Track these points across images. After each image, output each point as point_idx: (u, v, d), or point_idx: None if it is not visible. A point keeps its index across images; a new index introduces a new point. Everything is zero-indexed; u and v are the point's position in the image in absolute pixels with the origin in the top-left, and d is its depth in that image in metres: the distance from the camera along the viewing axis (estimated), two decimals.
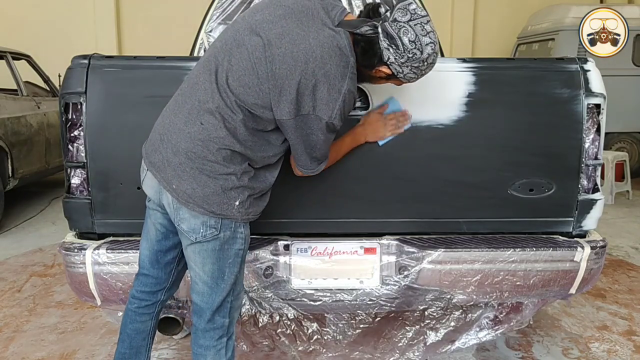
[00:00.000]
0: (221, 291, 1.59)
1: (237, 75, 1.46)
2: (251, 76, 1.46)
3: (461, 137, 1.90)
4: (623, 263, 3.80)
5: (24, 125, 4.89)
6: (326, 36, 1.45)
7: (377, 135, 1.85)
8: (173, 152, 1.50)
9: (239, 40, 1.49)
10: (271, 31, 1.46)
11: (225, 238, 1.55)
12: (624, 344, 2.60)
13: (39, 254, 3.96)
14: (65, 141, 1.88)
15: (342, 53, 1.46)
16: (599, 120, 1.95)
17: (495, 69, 1.97)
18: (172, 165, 1.50)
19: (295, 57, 1.43)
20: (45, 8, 8.04)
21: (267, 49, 1.44)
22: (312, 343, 2.21)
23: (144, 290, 1.76)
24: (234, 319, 1.67)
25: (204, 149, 1.47)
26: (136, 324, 1.78)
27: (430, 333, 2.19)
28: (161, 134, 1.55)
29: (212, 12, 3.40)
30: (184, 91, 1.56)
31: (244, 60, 1.46)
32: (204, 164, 1.48)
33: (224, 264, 1.57)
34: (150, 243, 1.72)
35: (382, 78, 1.56)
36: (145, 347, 1.81)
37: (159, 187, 1.57)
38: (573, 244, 1.97)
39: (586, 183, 1.98)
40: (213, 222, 1.52)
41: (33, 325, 2.79)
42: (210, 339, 1.63)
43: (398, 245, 1.94)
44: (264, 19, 1.50)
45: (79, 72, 1.86)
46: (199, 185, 1.48)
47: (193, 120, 1.49)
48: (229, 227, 1.54)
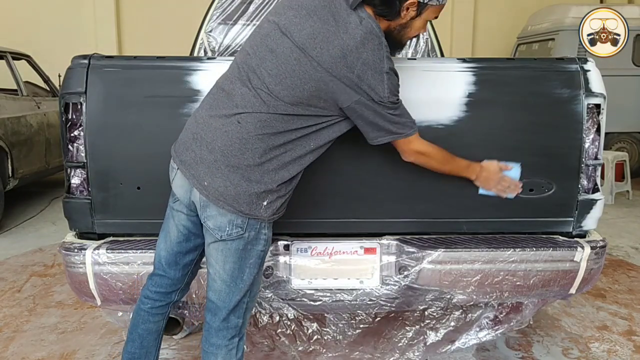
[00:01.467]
0: (239, 291, 1.60)
1: (277, 80, 1.50)
2: (292, 78, 1.49)
3: (461, 137, 1.90)
4: (623, 263, 3.80)
5: (24, 125, 4.89)
6: (354, 26, 1.50)
7: (486, 184, 1.87)
8: (208, 150, 1.53)
9: (270, 46, 1.53)
10: (301, 33, 1.50)
11: (249, 238, 1.57)
12: (624, 344, 2.60)
13: (39, 254, 3.96)
14: (65, 141, 1.88)
15: (374, 36, 1.50)
16: (599, 120, 1.95)
17: (495, 69, 1.97)
18: (206, 162, 1.53)
19: (332, 54, 1.47)
20: (45, 8, 8.04)
21: (302, 51, 1.49)
22: (312, 343, 2.21)
23: (158, 291, 1.76)
24: (246, 320, 1.68)
25: (240, 147, 1.50)
26: (149, 324, 1.77)
27: (430, 333, 2.19)
28: (194, 133, 1.57)
29: (212, 12, 3.41)
30: (217, 96, 1.58)
31: (281, 65, 1.50)
32: (239, 162, 1.51)
33: (245, 264, 1.58)
34: (170, 244, 1.72)
35: (415, 18, 1.60)
36: (156, 347, 1.81)
37: (188, 186, 1.58)
38: (573, 244, 1.97)
39: (586, 183, 1.98)
40: (240, 222, 1.54)
41: (33, 325, 2.79)
42: (223, 338, 1.63)
43: (398, 245, 1.94)
44: (290, 21, 1.53)
45: (79, 72, 1.86)
46: (232, 183, 1.51)
47: (230, 121, 1.52)
48: (254, 227, 1.57)
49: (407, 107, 1.88)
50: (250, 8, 3.38)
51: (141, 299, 1.78)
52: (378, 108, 1.54)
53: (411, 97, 1.90)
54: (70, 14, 8.11)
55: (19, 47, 5.74)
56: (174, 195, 1.67)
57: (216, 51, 3.41)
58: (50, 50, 7.23)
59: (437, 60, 2.55)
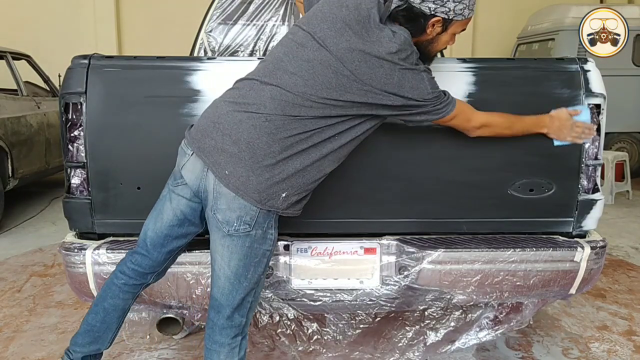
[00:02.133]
0: (243, 289, 1.60)
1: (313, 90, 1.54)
2: (329, 90, 1.54)
3: (461, 137, 1.90)
4: (623, 263, 3.80)
5: (24, 125, 4.89)
6: (388, 39, 1.54)
7: (560, 133, 1.87)
8: (232, 141, 1.53)
9: (307, 56, 1.56)
10: (338, 46, 1.54)
11: (256, 236, 1.57)
12: (624, 344, 2.60)
13: (39, 254, 3.96)
14: (65, 141, 1.88)
15: (407, 45, 1.56)
16: (599, 121, 1.95)
17: (495, 69, 1.97)
18: (229, 152, 1.53)
19: (370, 65, 1.52)
20: (45, 8, 8.04)
21: (340, 63, 1.53)
22: (312, 343, 2.21)
23: (135, 269, 1.75)
24: (249, 319, 1.68)
25: (268, 141, 1.52)
26: (117, 300, 1.77)
27: (430, 333, 2.19)
28: (215, 122, 1.58)
29: (212, 12, 3.41)
30: (245, 92, 1.59)
31: (318, 75, 1.54)
32: (264, 156, 1.52)
33: (250, 262, 1.59)
34: (160, 225, 1.70)
35: (441, 34, 1.65)
36: (117, 325, 1.80)
37: (201, 172, 1.58)
38: (573, 244, 1.97)
39: (586, 183, 1.98)
40: (248, 219, 1.55)
41: (33, 325, 2.79)
42: (226, 336, 1.63)
43: (398, 246, 1.94)
44: (325, 34, 1.56)
45: (79, 72, 1.86)
46: (254, 174, 1.52)
47: (258, 117, 1.54)
48: (262, 226, 1.58)
49: None
50: (250, 8, 3.38)
51: (115, 273, 1.78)
52: (424, 108, 1.61)
53: None
54: (70, 14, 8.11)
55: (19, 47, 5.74)
56: (178, 178, 1.65)
57: (216, 51, 3.41)
58: (50, 50, 7.23)
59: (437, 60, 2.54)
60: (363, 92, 1.54)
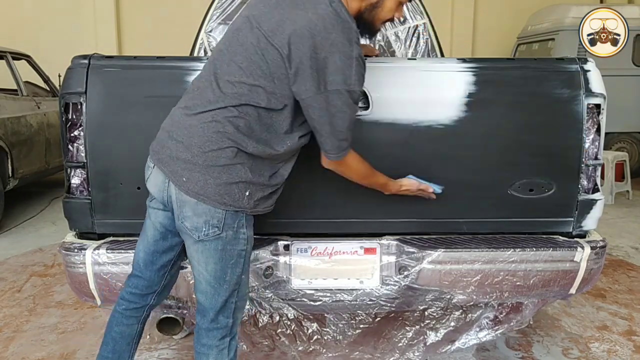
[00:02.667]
0: (224, 292, 1.59)
1: (247, 72, 1.50)
2: (262, 68, 1.49)
3: (461, 137, 1.90)
4: (623, 263, 3.80)
5: (24, 125, 4.89)
6: (323, 8, 1.48)
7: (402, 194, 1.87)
8: (185, 147, 1.52)
9: (241, 40, 1.53)
10: (270, 21, 1.50)
11: (227, 238, 1.55)
12: (624, 344, 2.60)
13: (39, 254, 3.96)
14: (65, 141, 1.88)
15: (343, 20, 1.49)
16: (599, 120, 1.95)
17: (495, 69, 1.97)
18: (183, 159, 1.52)
19: (299, 34, 1.46)
20: (45, 8, 8.04)
21: (270, 38, 1.48)
22: (312, 343, 2.21)
23: (134, 293, 1.74)
24: (237, 320, 1.67)
25: (217, 141, 1.50)
26: (122, 327, 1.76)
27: (430, 333, 2.19)
28: (169, 132, 1.57)
29: (212, 12, 3.40)
30: (192, 95, 1.59)
31: (250, 56, 1.50)
32: (217, 157, 1.50)
33: (226, 265, 1.57)
34: (147, 243, 1.71)
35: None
36: (129, 352, 1.78)
37: (163, 184, 1.58)
38: (573, 244, 1.97)
39: (586, 183, 1.98)
40: (216, 222, 1.53)
41: (33, 325, 2.79)
42: (213, 338, 1.63)
43: (398, 246, 1.94)
44: (260, 12, 1.54)
45: (79, 72, 1.86)
46: (211, 176, 1.50)
47: (205, 117, 1.52)
48: (232, 227, 1.55)
49: (408, 107, 1.89)
50: None
51: (118, 300, 1.77)
52: (337, 98, 1.49)
53: (411, 97, 1.91)
54: (70, 14, 8.11)
55: (19, 47, 5.74)
56: (151, 194, 1.67)
57: None
58: (50, 50, 7.23)
59: (437, 60, 2.55)
60: (289, 70, 1.48)
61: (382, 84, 1.90)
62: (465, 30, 8.83)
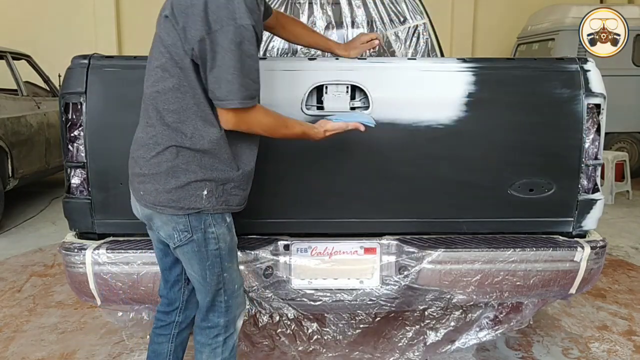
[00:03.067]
0: (208, 291, 1.60)
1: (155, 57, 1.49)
2: (161, 49, 1.46)
3: (461, 137, 1.90)
4: (623, 263, 3.80)
5: (24, 125, 4.89)
6: None
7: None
8: (135, 161, 1.55)
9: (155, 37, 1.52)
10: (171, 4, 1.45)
11: (199, 240, 1.54)
12: (624, 344, 2.60)
13: (39, 254, 3.96)
14: (65, 141, 1.88)
15: None
16: (599, 120, 1.95)
17: (495, 69, 1.97)
18: (137, 173, 1.54)
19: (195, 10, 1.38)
20: (45, 8, 8.04)
21: (162, 12, 1.46)
22: (312, 343, 2.21)
23: (160, 311, 1.79)
24: (233, 318, 1.66)
25: (155, 146, 1.49)
26: (154, 345, 1.80)
27: (430, 333, 2.19)
28: (130, 152, 1.59)
29: None
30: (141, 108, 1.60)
31: (155, 41, 1.49)
32: (159, 163, 1.49)
33: (205, 266, 1.57)
34: (158, 263, 1.76)
35: None
36: None
37: (135, 203, 1.61)
38: (573, 244, 1.97)
39: (586, 183, 1.98)
40: (182, 226, 1.52)
41: (33, 325, 2.79)
42: (205, 336, 1.64)
43: (398, 245, 1.94)
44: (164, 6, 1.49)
45: (79, 72, 1.86)
46: (160, 184, 1.50)
47: (143, 127, 1.54)
48: (199, 228, 1.53)
49: (407, 107, 1.89)
50: None
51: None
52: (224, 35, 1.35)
53: (411, 97, 1.91)
54: (70, 14, 8.11)
55: (19, 47, 5.74)
56: None
57: None
58: (50, 50, 7.23)
59: (437, 60, 2.55)
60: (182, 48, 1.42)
61: (382, 84, 1.90)
62: (465, 30, 8.83)
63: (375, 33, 2.24)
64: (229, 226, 1.60)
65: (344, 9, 3.18)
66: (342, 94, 1.89)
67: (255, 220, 1.92)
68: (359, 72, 1.91)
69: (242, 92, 1.40)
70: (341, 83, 1.89)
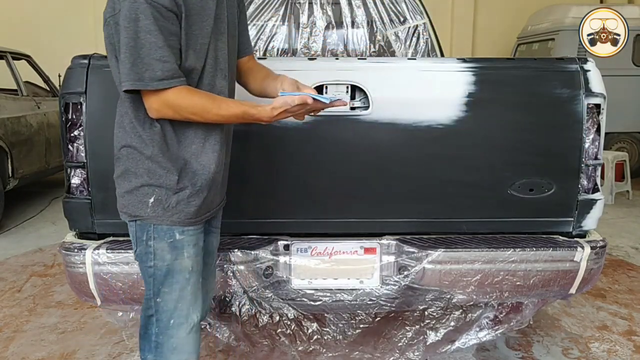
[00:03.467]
0: (144, 313, 1.45)
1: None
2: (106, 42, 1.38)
3: (461, 137, 1.90)
4: (623, 263, 3.80)
5: (24, 125, 4.89)
6: None
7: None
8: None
9: None
10: None
11: (140, 253, 1.43)
12: (624, 344, 2.60)
13: (39, 254, 3.96)
14: (65, 141, 1.88)
15: None
16: (599, 120, 1.95)
17: (495, 69, 1.97)
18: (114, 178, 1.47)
19: None
20: (45, 8, 8.04)
21: None
22: (312, 343, 2.21)
23: None
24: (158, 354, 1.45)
25: (115, 147, 1.44)
26: None
27: (430, 333, 2.18)
28: None
29: None
30: None
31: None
32: (117, 164, 1.44)
33: (144, 284, 1.44)
34: None
35: None
36: None
37: None
38: (573, 244, 1.97)
39: (586, 183, 1.98)
40: (132, 236, 1.43)
41: (33, 325, 2.79)
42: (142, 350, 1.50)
43: (398, 245, 1.94)
44: None
45: (79, 72, 1.86)
46: (118, 186, 1.44)
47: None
48: (142, 240, 1.40)
49: (407, 107, 1.89)
50: (250, 8, 3.38)
51: None
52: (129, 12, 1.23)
53: (411, 97, 1.91)
54: (70, 14, 8.11)
55: (19, 47, 5.74)
56: None
57: None
58: (50, 50, 7.22)
59: (437, 60, 2.55)
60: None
61: (382, 84, 1.90)
62: (465, 30, 8.83)
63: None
64: (176, 244, 1.40)
65: (344, 9, 3.19)
66: (342, 94, 1.90)
67: (255, 220, 1.92)
68: (359, 72, 1.91)
69: (135, 72, 1.24)
70: (341, 83, 1.89)
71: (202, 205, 1.42)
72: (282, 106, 1.35)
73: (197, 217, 1.42)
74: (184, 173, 1.38)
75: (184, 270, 1.42)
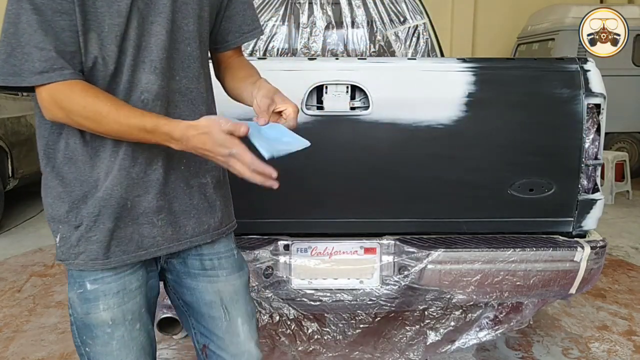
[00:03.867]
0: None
1: None
2: None
3: (461, 137, 1.90)
4: (623, 263, 3.80)
5: (24, 125, 4.89)
6: None
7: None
8: None
9: None
10: None
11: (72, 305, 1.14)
12: (624, 344, 2.60)
13: (39, 254, 3.96)
14: None
15: None
16: (599, 120, 1.95)
17: (495, 69, 1.97)
18: None
19: None
20: None
21: None
22: (312, 343, 2.21)
23: None
24: None
25: None
26: None
27: (430, 333, 2.19)
28: None
29: None
30: None
31: None
32: None
33: None
34: None
35: None
36: None
37: None
38: (573, 244, 1.97)
39: (586, 183, 1.98)
40: None
41: (33, 325, 2.79)
42: None
43: (398, 245, 1.94)
44: None
45: None
46: None
47: None
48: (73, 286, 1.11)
49: (407, 107, 1.89)
50: None
51: None
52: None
53: (411, 97, 1.91)
54: None
55: None
56: None
57: None
58: None
59: (437, 60, 2.55)
60: None
61: (382, 84, 1.90)
62: (465, 30, 8.82)
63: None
64: (87, 295, 1.09)
65: (344, 9, 3.19)
66: (342, 94, 1.90)
67: (255, 220, 1.92)
68: (359, 72, 1.91)
69: (9, 64, 0.95)
70: (341, 83, 1.89)
71: (113, 241, 1.07)
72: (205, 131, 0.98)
73: (108, 259, 1.07)
74: (82, 200, 1.06)
75: (101, 324, 1.10)
